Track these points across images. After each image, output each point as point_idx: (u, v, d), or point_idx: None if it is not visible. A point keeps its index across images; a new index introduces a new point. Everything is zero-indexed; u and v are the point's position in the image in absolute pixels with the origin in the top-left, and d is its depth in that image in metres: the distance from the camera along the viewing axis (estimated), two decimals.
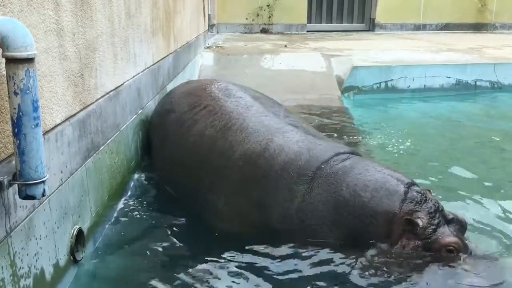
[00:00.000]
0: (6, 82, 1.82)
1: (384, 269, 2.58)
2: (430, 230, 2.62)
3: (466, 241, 2.69)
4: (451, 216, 2.71)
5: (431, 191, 2.85)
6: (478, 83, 7.85)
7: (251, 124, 3.22)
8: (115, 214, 3.25)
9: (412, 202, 2.67)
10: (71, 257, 2.57)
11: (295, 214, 2.83)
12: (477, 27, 13.49)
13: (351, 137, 5.16)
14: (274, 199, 2.91)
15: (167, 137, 3.70)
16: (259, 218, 2.94)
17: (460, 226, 2.72)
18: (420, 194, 2.71)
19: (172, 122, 3.69)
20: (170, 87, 5.14)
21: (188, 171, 3.39)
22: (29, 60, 1.81)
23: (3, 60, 1.82)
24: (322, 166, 2.88)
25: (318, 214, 2.80)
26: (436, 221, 2.64)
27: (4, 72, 1.84)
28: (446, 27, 13.48)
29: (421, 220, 2.61)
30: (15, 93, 1.80)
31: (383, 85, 7.59)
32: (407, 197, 2.69)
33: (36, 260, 2.19)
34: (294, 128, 3.20)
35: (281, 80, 7.38)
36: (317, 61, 8.13)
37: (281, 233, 2.86)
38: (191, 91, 3.85)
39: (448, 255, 2.60)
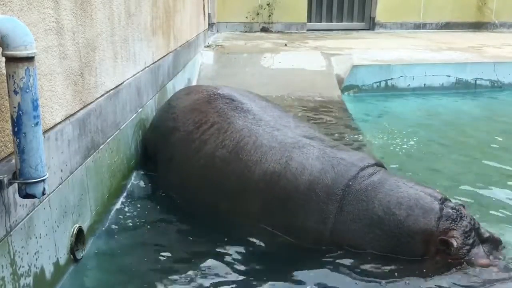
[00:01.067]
0: (6, 81, 1.82)
1: (419, 285, 2.54)
2: (464, 251, 2.56)
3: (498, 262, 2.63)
4: (486, 235, 2.66)
5: (465, 206, 2.79)
6: (478, 82, 7.83)
7: (265, 141, 3.10)
8: (115, 213, 3.26)
9: (448, 220, 2.62)
10: (71, 256, 2.57)
11: (329, 235, 2.79)
12: (477, 25, 13.46)
13: (351, 137, 5.15)
14: (305, 221, 2.84)
15: (173, 158, 3.50)
16: (289, 239, 2.90)
17: (495, 245, 2.67)
18: (455, 211, 2.65)
19: (177, 142, 3.50)
20: (170, 86, 5.14)
21: (200, 195, 3.26)
22: (29, 59, 1.81)
23: (3, 59, 1.82)
24: (350, 183, 2.81)
25: (351, 233, 2.75)
26: (471, 240, 2.58)
27: (4, 71, 1.84)
28: (446, 25, 13.46)
29: (456, 240, 2.55)
30: (15, 92, 1.81)
31: (383, 84, 7.59)
32: (442, 214, 2.63)
33: (36, 259, 2.20)
34: (309, 141, 3.10)
35: (281, 79, 7.37)
36: (317, 60, 8.12)
37: (312, 251, 2.82)
38: (195, 105, 3.62)
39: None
